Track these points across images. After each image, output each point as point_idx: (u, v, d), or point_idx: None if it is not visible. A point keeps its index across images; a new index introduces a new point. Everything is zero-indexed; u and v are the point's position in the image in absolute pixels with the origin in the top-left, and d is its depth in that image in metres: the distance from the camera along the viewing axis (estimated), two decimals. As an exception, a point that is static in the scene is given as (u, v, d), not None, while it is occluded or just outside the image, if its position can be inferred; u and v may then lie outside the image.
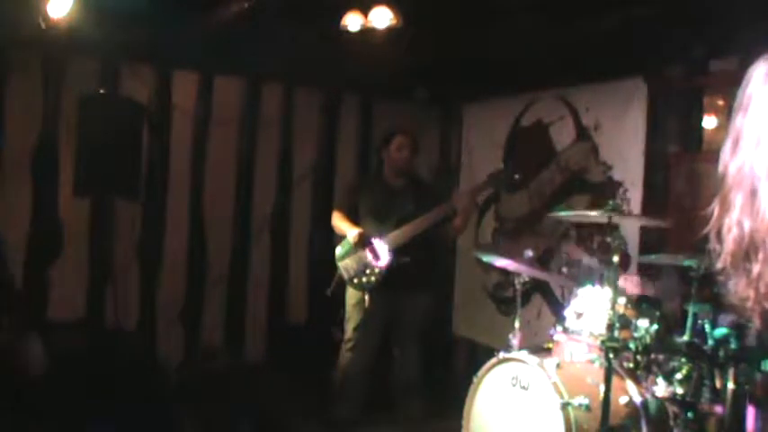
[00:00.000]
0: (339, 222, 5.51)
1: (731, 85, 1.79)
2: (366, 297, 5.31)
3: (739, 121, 1.65)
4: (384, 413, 5.55)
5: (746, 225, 1.61)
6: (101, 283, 6.04)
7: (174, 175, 6.35)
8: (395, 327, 5.50)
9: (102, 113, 5.58)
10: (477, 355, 5.06)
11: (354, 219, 5.45)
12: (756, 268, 1.60)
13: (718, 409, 3.48)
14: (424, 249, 5.36)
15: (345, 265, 5.37)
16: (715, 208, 1.69)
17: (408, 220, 5.30)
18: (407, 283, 5.30)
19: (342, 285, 5.49)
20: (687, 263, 3.86)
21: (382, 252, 5.27)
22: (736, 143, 1.65)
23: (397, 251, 5.26)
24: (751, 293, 1.60)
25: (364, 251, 5.29)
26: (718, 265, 1.66)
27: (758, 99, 1.63)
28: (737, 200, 1.62)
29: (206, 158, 6.47)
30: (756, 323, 1.63)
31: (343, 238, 5.45)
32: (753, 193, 1.60)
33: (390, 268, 5.25)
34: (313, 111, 6.93)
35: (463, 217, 5.42)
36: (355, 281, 5.33)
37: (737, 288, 1.63)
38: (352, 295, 5.44)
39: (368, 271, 5.29)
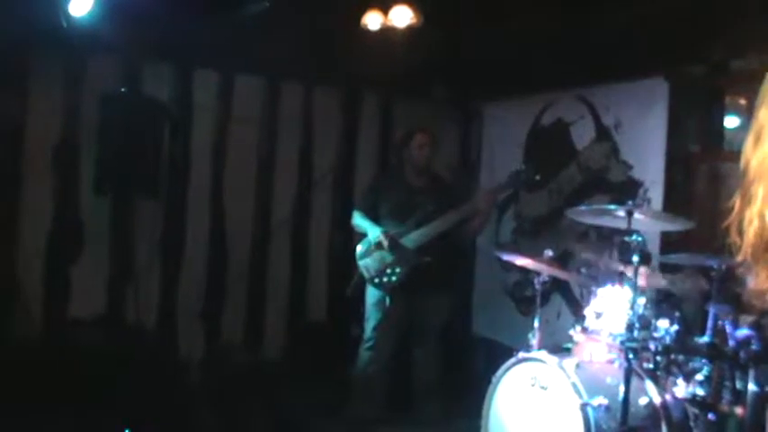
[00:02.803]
0: (360, 221, 5.51)
1: (752, 83, 1.78)
2: (386, 297, 5.31)
3: (762, 114, 1.64)
4: (403, 413, 5.55)
5: None
6: (121, 282, 6.07)
7: (194, 173, 6.37)
8: (415, 327, 5.49)
9: (123, 112, 5.62)
10: (497, 355, 5.01)
11: (375, 218, 5.45)
12: None
13: (739, 410, 3.45)
14: (444, 249, 5.35)
15: (366, 265, 5.36)
16: (736, 201, 1.68)
17: (429, 220, 5.30)
18: (428, 283, 5.29)
19: (362, 284, 5.49)
20: (708, 262, 3.84)
21: (403, 252, 5.26)
22: (758, 136, 1.63)
23: (418, 251, 5.26)
24: None
25: (385, 251, 5.28)
26: (739, 258, 1.65)
27: None
28: (759, 192, 1.61)
29: (226, 157, 6.49)
30: None
31: (363, 236, 5.45)
32: None
33: (411, 268, 5.25)
34: (333, 110, 6.92)
35: (483, 217, 5.41)
36: (376, 280, 5.33)
37: (757, 280, 1.62)
38: (371, 294, 5.43)
39: (388, 270, 5.28)
